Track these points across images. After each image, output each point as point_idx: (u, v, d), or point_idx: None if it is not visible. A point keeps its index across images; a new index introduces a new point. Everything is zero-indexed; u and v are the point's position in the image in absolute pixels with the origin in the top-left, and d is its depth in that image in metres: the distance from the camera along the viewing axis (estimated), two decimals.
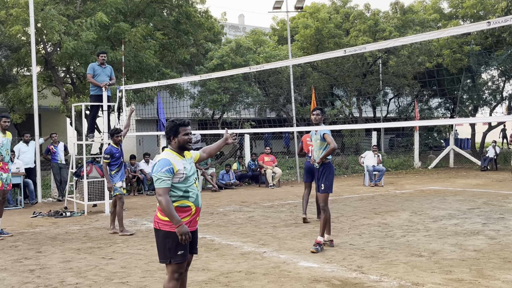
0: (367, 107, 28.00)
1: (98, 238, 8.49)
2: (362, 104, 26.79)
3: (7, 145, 8.99)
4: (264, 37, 23.54)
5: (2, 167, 8.84)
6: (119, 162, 9.01)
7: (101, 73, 11.41)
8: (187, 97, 21.13)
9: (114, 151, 9.00)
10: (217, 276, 5.97)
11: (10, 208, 12.46)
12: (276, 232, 8.68)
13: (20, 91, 15.86)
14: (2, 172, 8.82)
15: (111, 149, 8.99)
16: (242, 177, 17.62)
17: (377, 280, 5.69)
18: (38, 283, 5.88)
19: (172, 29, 18.16)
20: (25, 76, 18.20)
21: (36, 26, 14.02)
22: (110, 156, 8.91)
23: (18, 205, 12.76)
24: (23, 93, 15.71)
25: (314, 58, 10.46)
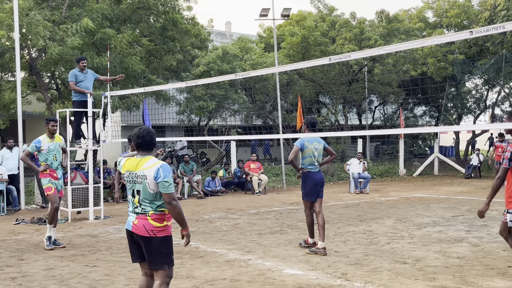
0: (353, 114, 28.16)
1: (82, 245, 8.41)
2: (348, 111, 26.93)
3: (55, 151, 8.62)
4: (250, 44, 23.59)
5: (50, 173, 8.49)
6: None
7: (83, 79, 11.34)
8: (173, 103, 21.06)
9: None
10: (202, 284, 5.94)
11: None
12: (261, 240, 8.67)
13: (4, 97, 15.67)
14: (51, 178, 8.47)
15: None
16: (228, 184, 17.58)
17: (361, 287, 5.71)
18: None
19: (158, 35, 18.11)
20: (9, 81, 17.99)
21: (20, 31, 13.91)
22: None
23: (0, 211, 12.59)
24: (7, 99, 15.52)
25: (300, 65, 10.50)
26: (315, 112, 26.54)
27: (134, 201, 4.40)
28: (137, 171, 4.36)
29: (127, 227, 4.46)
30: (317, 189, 7.80)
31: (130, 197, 4.45)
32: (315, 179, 7.79)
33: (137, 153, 4.51)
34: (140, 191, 4.34)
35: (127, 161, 4.51)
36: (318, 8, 25.41)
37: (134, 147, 4.65)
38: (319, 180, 7.83)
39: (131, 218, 4.43)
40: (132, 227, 4.38)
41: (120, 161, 4.67)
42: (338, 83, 24.39)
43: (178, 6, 18.26)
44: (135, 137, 4.43)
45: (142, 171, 4.33)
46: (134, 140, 4.45)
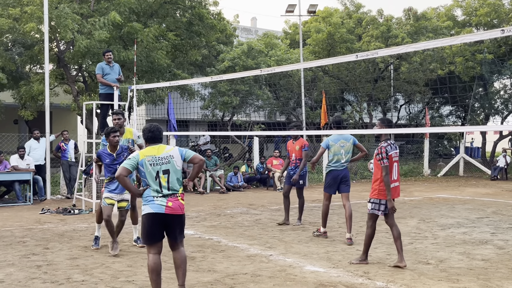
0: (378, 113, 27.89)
1: (106, 236, 8.50)
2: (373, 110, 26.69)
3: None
4: (276, 40, 23.55)
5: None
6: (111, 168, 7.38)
7: (110, 72, 11.48)
8: (198, 98, 21.18)
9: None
10: (223, 278, 5.96)
11: (19, 204, 12.55)
12: (282, 236, 8.66)
13: (32, 88, 15.97)
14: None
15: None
16: (250, 179, 17.61)
17: (383, 287, 5.66)
18: (45, 279, 5.91)
19: (184, 30, 18.22)
20: (37, 73, 18.34)
21: (50, 24, 14.13)
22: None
23: (27, 201, 12.84)
24: (35, 90, 15.81)
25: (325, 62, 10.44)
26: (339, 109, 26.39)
27: (162, 181, 4.96)
28: (161, 154, 5.04)
29: (156, 210, 4.93)
30: (337, 183, 8.30)
31: (153, 180, 4.98)
32: (337, 174, 8.29)
33: (147, 144, 5.19)
34: (169, 170, 5.00)
35: (142, 151, 5.13)
36: (345, 4, 25.22)
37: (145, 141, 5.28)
38: (340, 175, 8.29)
39: (160, 202, 4.95)
40: (166, 209, 4.94)
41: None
42: (363, 80, 24.19)
43: (205, 1, 18.34)
44: (147, 131, 5.14)
45: (166, 153, 5.06)
46: (145, 134, 5.15)
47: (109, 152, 7.38)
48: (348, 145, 8.38)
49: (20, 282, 5.75)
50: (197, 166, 5.19)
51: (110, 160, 7.33)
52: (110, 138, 7.32)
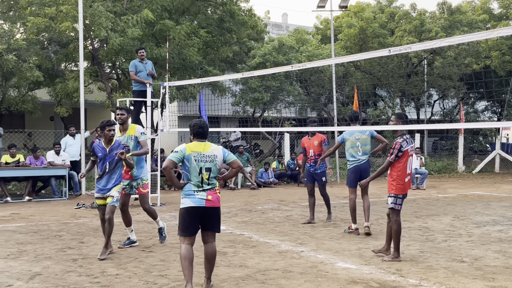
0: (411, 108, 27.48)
1: (139, 231, 8.65)
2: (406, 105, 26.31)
3: (129, 145, 7.36)
4: (307, 36, 23.42)
5: (123, 175, 7.33)
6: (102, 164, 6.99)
7: (143, 69, 11.64)
8: (229, 94, 21.26)
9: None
10: (254, 273, 5.99)
11: (55, 199, 12.86)
12: (314, 232, 8.64)
13: (68, 86, 16.32)
14: (123, 178, 7.40)
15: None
16: (281, 176, 17.61)
17: (416, 284, 5.59)
18: (80, 272, 6.04)
19: (215, 27, 18.31)
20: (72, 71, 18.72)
21: (84, 22, 14.39)
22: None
23: (63, 196, 13.16)
24: (70, 88, 16.16)
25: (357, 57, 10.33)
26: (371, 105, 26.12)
27: (204, 177, 5.22)
28: (206, 152, 5.28)
29: (196, 204, 5.19)
30: (357, 176, 8.45)
31: (196, 175, 5.22)
32: (357, 168, 8.51)
33: (193, 139, 5.37)
34: (211, 168, 5.25)
35: (189, 145, 5.31)
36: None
37: None
38: (360, 168, 8.49)
39: (200, 196, 5.21)
40: (206, 202, 5.21)
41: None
42: (396, 76, 23.85)
43: None
44: (197, 127, 5.34)
45: (211, 152, 5.29)
46: (195, 129, 5.34)
47: (103, 146, 6.98)
48: (364, 137, 8.51)
49: (57, 275, 5.90)
50: (235, 171, 5.50)
51: (102, 155, 6.92)
52: (105, 131, 6.92)
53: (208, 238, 5.35)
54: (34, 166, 12.93)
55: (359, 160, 8.53)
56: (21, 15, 16.31)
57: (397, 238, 6.69)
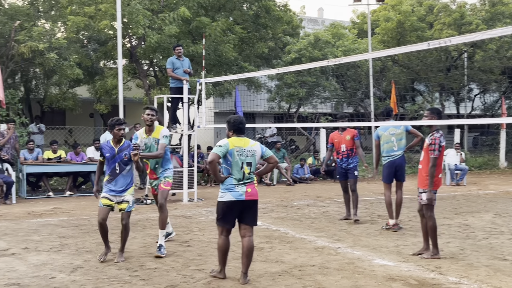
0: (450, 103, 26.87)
1: (176, 225, 8.76)
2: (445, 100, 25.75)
3: (152, 148, 7.02)
4: (343, 30, 23.17)
5: (148, 172, 7.24)
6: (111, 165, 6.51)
7: (180, 66, 11.76)
8: (264, 90, 21.27)
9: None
10: (291, 269, 5.99)
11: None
12: (350, 228, 8.57)
13: (107, 83, 16.65)
14: (150, 179, 7.28)
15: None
16: (317, 171, 17.51)
17: (457, 282, 5.48)
18: (120, 265, 6.17)
19: (251, 23, 18.33)
20: (111, 68, 19.09)
21: (122, 20, 14.64)
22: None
23: None
24: (109, 85, 16.48)
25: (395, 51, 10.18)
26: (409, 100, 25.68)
27: (245, 172, 5.41)
28: (246, 147, 5.47)
29: (237, 198, 5.37)
30: (392, 172, 8.43)
31: (238, 169, 5.39)
32: (391, 164, 8.42)
33: (232, 134, 5.52)
34: (251, 163, 5.47)
35: (230, 140, 5.46)
36: None
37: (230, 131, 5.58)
38: (395, 164, 8.40)
39: (240, 189, 5.39)
40: (246, 195, 5.40)
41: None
42: (435, 70, 23.36)
43: None
44: (238, 123, 5.55)
45: (251, 147, 5.49)
46: (236, 125, 5.53)
47: (111, 146, 6.51)
48: (399, 132, 8.42)
49: (97, 268, 6.05)
50: (271, 166, 5.72)
51: (110, 155, 6.45)
52: (114, 131, 6.46)
53: (246, 232, 5.48)
54: (75, 162, 13.26)
55: (394, 156, 8.45)
56: (61, 14, 16.73)
57: (434, 234, 6.58)
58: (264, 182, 15.80)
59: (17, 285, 5.36)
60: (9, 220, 9.37)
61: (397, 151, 8.44)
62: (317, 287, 5.32)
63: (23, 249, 7.05)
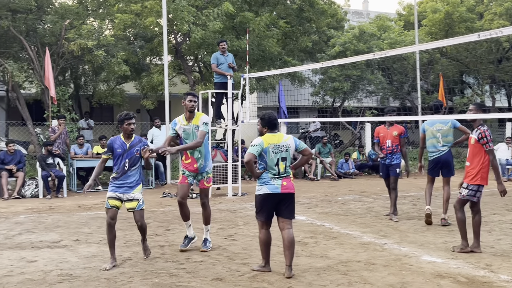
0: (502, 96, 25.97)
1: (221, 219, 8.85)
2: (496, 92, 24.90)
3: (193, 135, 6.60)
4: (389, 22, 22.75)
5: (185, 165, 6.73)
6: (119, 162, 6.11)
7: (224, 62, 11.84)
8: (308, 85, 21.15)
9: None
10: (336, 264, 5.95)
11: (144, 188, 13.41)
12: (397, 224, 8.43)
13: (153, 79, 16.95)
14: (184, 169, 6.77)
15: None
16: (362, 166, 17.31)
17: (509, 281, 5.30)
18: (167, 258, 6.29)
19: (295, 17, 18.24)
20: (157, 65, 19.42)
21: (167, 17, 14.86)
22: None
23: (149, 185, 13.72)
24: (155, 81, 16.77)
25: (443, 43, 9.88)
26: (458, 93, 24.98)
27: (280, 167, 5.50)
28: (280, 142, 5.56)
29: (272, 191, 5.46)
30: (438, 167, 8.36)
31: (273, 165, 5.49)
32: (436, 160, 8.36)
33: (266, 130, 5.60)
34: (286, 157, 5.54)
35: (264, 138, 5.56)
36: None
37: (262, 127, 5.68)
38: (440, 160, 8.31)
39: (276, 183, 5.48)
40: (282, 188, 5.48)
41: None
42: (485, 61, 22.61)
43: None
44: (272, 119, 5.62)
45: (285, 142, 5.58)
46: (270, 121, 5.61)
47: (123, 141, 6.13)
48: (446, 128, 8.27)
49: (145, 261, 6.18)
50: (306, 158, 5.80)
51: (121, 150, 6.06)
52: (124, 125, 6.08)
53: (284, 225, 5.55)
54: None
55: (439, 152, 8.31)
56: (109, 12, 17.13)
57: (479, 229, 6.53)
58: (308, 177, 15.74)
59: (69, 276, 5.54)
60: (61, 213, 9.70)
61: (442, 147, 8.30)
62: (363, 283, 5.26)
63: (74, 241, 7.29)
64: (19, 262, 6.14)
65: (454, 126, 8.29)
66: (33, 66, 15.25)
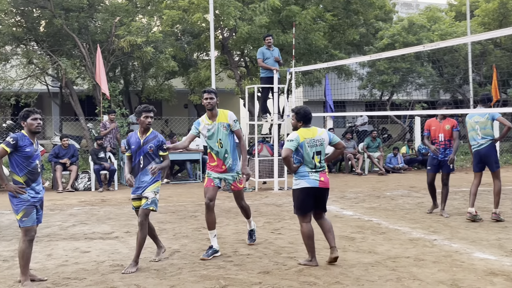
0: None
1: (268, 213, 8.88)
2: None
3: (219, 134, 6.16)
4: (439, 13, 22.13)
5: (212, 165, 6.27)
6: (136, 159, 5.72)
7: (270, 56, 11.84)
8: (355, 78, 20.88)
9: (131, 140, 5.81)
10: (384, 260, 5.87)
11: (190, 181, 13.64)
12: (448, 220, 8.23)
13: (200, 75, 17.16)
14: (210, 171, 6.29)
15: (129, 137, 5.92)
16: (411, 161, 16.96)
17: None
18: None
19: (342, 9, 18.02)
20: (204, 60, 19.63)
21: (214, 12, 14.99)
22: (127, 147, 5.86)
23: (197, 179, 13.92)
24: (203, 76, 16.97)
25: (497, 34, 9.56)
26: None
27: (316, 161, 5.59)
28: (315, 137, 5.63)
29: (311, 185, 5.56)
30: (481, 162, 8.15)
31: (310, 160, 5.57)
32: (476, 153, 8.16)
33: (301, 125, 5.66)
34: (321, 151, 5.63)
35: (300, 133, 5.60)
36: None
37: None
38: (480, 153, 8.11)
39: (314, 177, 5.59)
40: (319, 183, 5.59)
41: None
42: None
43: None
44: (307, 113, 5.68)
45: (319, 136, 5.65)
46: (305, 116, 5.66)
47: (137, 136, 5.74)
48: (483, 120, 8.00)
49: (193, 253, 6.28)
50: (339, 151, 5.91)
51: (135, 147, 5.68)
52: (141, 118, 5.69)
53: (319, 215, 5.78)
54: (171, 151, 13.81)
55: (478, 144, 8.09)
56: (157, 9, 17.42)
57: None
58: (355, 171, 15.56)
59: (120, 266, 5.70)
60: (112, 206, 9.98)
61: (481, 140, 8.04)
62: (412, 279, 5.17)
63: (125, 232, 7.49)
64: (73, 252, 6.37)
65: (492, 118, 7.94)
66: (85, 63, 15.73)
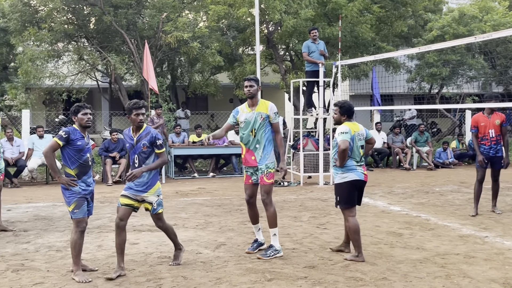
0: None
1: (313, 208, 8.85)
2: None
3: (255, 123, 5.88)
4: (492, 3, 21.34)
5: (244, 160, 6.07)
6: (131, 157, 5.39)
7: (315, 50, 11.74)
8: (403, 71, 20.45)
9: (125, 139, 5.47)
10: (433, 257, 5.74)
11: (236, 175, 13.73)
12: (500, 217, 7.97)
13: (245, 69, 17.20)
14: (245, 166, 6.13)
15: (123, 136, 5.60)
16: (462, 156, 16.49)
17: None
18: None
19: (389, 1, 17.65)
20: (249, 55, 19.66)
21: (259, 7, 14.98)
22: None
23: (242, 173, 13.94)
24: (248, 71, 17.00)
25: None
26: None
27: (361, 154, 5.73)
28: (359, 131, 5.76)
29: (359, 178, 5.66)
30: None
31: (358, 154, 5.69)
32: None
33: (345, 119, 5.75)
34: (363, 146, 5.78)
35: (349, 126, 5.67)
36: None
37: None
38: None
39: (361, 170, 5.70)
40: (365, 176, 5.73)
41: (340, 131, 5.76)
42: None
43: None
44: (352, 107, 5.81)
45: (362, 131, 5.80)
46: (350, 110, 5.79)
47: (131, 135, 5.35)
48: None
49: (239, 246, 6.33)
50: (371, 146, 6.02)
51: (129, 146, 5.34)
52: (132, 116, 5.24)
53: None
54: (217, 145, 13.95)
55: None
56: (203, 4, 17.56)
57: None
58: (403, 166, 15.26)
59: (168, 258, 5.81)
60: None
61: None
62: (462, 276, 5.04)
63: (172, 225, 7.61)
64: None
65: None
66: (133, 58, 16.06)
